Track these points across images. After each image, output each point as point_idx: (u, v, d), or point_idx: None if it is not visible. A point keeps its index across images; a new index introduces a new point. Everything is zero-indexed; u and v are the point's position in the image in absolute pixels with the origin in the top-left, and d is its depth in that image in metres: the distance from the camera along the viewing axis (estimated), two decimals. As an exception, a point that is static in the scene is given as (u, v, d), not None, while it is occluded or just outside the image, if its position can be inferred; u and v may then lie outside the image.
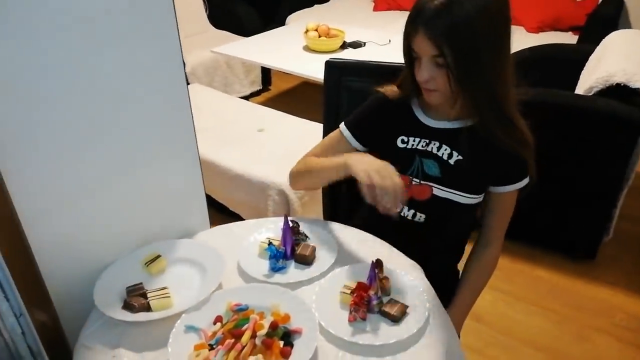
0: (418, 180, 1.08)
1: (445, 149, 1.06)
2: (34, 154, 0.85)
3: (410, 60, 1.00)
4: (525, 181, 1.07)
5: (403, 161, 1.09)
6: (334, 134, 1.18)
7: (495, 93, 0.97)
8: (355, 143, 1.15)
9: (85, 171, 0.93)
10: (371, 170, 0.94)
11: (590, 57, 2.25)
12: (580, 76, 2.21)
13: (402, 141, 1.10)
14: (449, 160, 1.06)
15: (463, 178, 1.06)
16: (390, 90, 1.12)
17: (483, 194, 1.09)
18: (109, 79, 0.91)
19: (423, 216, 1.11)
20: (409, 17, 0.95)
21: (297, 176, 1.18)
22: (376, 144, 1.14)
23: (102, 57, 0.88)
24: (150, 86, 0.98)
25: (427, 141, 1.08)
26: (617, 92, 1.83)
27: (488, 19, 0.90)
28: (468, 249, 1.24)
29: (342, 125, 1.17)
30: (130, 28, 0.90)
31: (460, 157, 1.05)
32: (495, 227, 1.14)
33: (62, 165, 0.89)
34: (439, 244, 1.15)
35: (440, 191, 1.07)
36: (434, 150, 1.07)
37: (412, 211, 1.11)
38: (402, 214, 1.12)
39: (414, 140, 1.09)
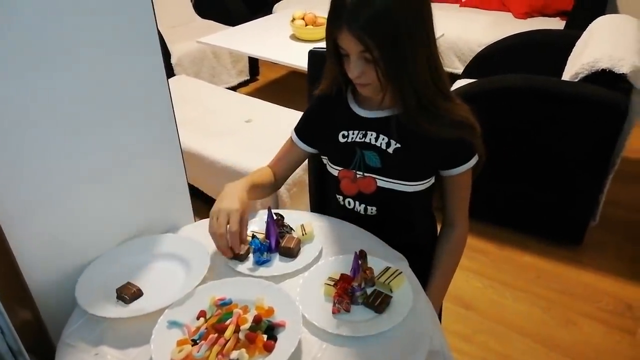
0: (362, 173, 1.08)
1: (383, 139, 1.05)
2: (14, 150, 0.84)
3: (337, 57, 0.99)
4: (474, 160, 1.06)
5: (346, 155, 1.09)
6: (288, 140, 1.20)
7: (419, 81, 0.95)
8: (303, 146, 1.17)
9: (66, 168, 0.92)
10: (214, 213, 0.98)
11: (577, 43, 2.25)
12: (567, 62, 2.21)
13: (343, 136, 1.09)
14: (388, 150, 1.05)
15: (403, 166, 1.05)
16: (326, 87, 1.11)
17: (430, 179, 1.07)
18: (87, 76, 0.89)
19: (374, 209, 1.10)
20: (330, 14, 0.94)
21: None
22: (321, 143, 1.16)
23: (80, 54, 0.87)
24: (130, 82, 0.96)
25: (364, 132, 1.07)
26: (602, 77, 1.83)
27: (407, 6, 0.89)
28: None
29: (292, 131, 1.19)
30: (109, 26, 0.89)
31: (398, 145, 1.04)
32: (456, 208, 1.13)
33: (44, 162, 0.88)
34: (401, 235, 1.13)
35: (383, 182, 1.06)
36: (372, 141, 1.06)
37: (362, 205, 1.11)
38: (354, 209, 1.12)
39: (353, 134, 1.08)
